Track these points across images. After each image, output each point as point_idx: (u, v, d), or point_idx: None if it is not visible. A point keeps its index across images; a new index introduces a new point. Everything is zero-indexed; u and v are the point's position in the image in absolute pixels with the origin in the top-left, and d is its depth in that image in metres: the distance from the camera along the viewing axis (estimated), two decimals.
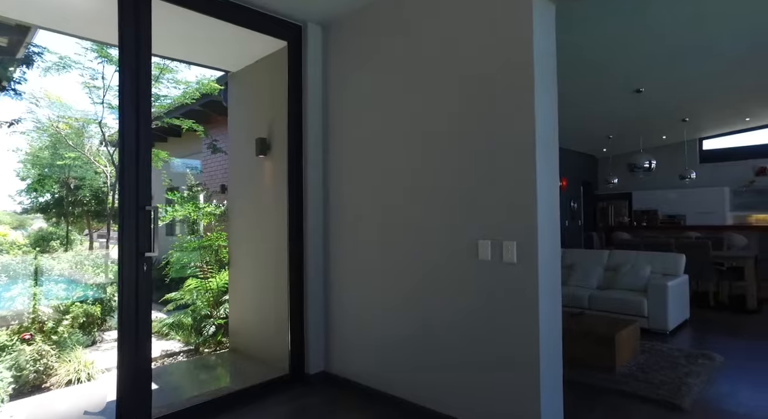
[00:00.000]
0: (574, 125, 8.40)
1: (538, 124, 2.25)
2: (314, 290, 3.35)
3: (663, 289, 4.44)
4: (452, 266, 2.57)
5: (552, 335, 2.31)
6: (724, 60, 5.53)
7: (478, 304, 2.44)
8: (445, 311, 2.59)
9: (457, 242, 2.55)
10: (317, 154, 3.41)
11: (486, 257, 2.41)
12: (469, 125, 2.51)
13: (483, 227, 2.43)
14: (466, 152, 2.51)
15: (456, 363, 2.53)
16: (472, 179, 2.49)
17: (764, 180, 9.47)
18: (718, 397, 3.00)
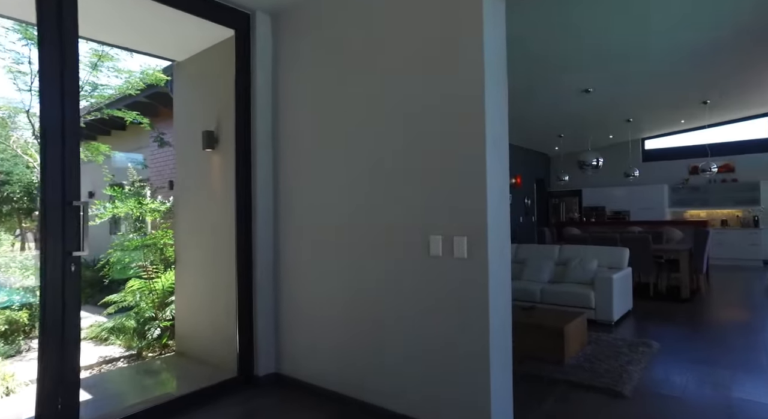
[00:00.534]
0: (528, 123, 8.65)
1: (489, 120, 2.25)
2: (264, 289, 3.23)
3: (608, 282, 4.63)
4: (404, 263, 2.54)
5: (503, 329, 2.33)
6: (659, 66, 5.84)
7: (430, 300, 2.42)
8: (398, 308, 2.56)
9: (409, 239, 2.52)
10: (266, 149, 3.29)
11: (437, 253, 2.39)
12: (420, 121, 2.48)
13: (434, 223, 2.41)
14: (417, 147, 2.48)
15: (408, 359, 2.51)
16: (423, 176, 2.46)
17: (697, 178, 10.14)
18: (654, 382, 3.16)
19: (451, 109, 2.34)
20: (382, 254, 2.64)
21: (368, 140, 2.73)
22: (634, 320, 4.95)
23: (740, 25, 4.86)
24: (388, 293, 2.61)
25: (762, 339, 4.18)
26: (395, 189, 2.59)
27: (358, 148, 2.78)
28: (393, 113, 2.60)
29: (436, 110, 2.41)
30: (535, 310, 4.06)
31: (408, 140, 2.53)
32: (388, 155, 2.62)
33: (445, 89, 2.37)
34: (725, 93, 7.57)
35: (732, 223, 9.86)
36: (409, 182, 2.52)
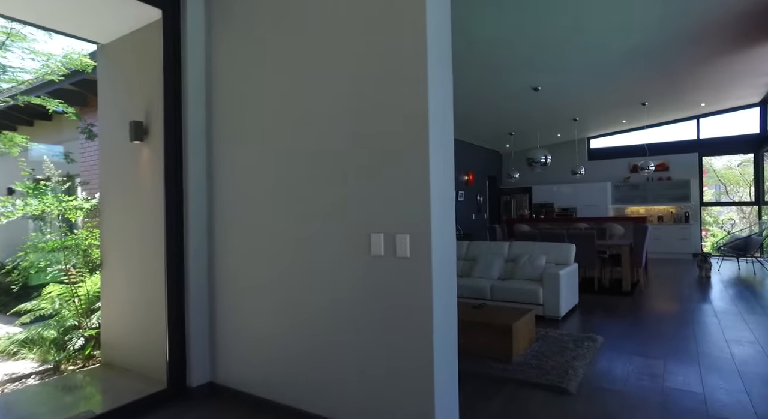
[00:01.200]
0: (480, 120, 8.74)
1: (432, 113, 2.14)
2: (197, 294, 2.98)
3: (556, 278, 4.70)
4: (344, 264, 2.39)
5: (447, 330, 2.23)
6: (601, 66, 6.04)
7: (372, 302, 2.29)
8: (338, 311, 2.41)
9: (349, 238, 2.37)
10: (200, 144, 3.03)
11: (379, 253, 2.26)
12: (361, 114, 2.33)
13: (376, 220, 2.28)
14: (358, 141, 2.33)
15: (348, 364, 2.36)
16: (364, 171, 2.31)
17: (637, 176, 10.68)
18: (598, 377, 3.19)
19: (393, 102, 2.21)
20: (322, 254, 2.48)
21: (306, 134, 2.55)
22: (580, 314, 5.07)
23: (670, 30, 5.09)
24: (327, 296, 2.45)
25: (691, 329, 4.38)
26: (336, 185, 2.43)
27: (297, 142, 2.60)
28: (333, 106, 2.44)
29: (377, 103, 2.27)
30: (485, 308, 4.03)
31: (348, 134, 2.37)
32: (328, 149, 2.45)
33: (387, 83, 2.23)
34: (660, 95, 7.98)
35: (666, 219, 10.46)
36: (350, 178, 2.37)
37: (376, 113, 2.27)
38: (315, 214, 2.51)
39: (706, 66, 6.54)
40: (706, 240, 10.69)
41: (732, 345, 3.89)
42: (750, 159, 10.18)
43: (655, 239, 9.82)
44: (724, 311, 5.15)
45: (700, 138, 10.25)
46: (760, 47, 6.07)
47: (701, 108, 9.50)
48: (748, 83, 7.85)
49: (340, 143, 2.41)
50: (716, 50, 5.96)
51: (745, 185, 11.47)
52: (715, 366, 3.38)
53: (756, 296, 6.02)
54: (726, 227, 11.17)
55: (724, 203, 11.44)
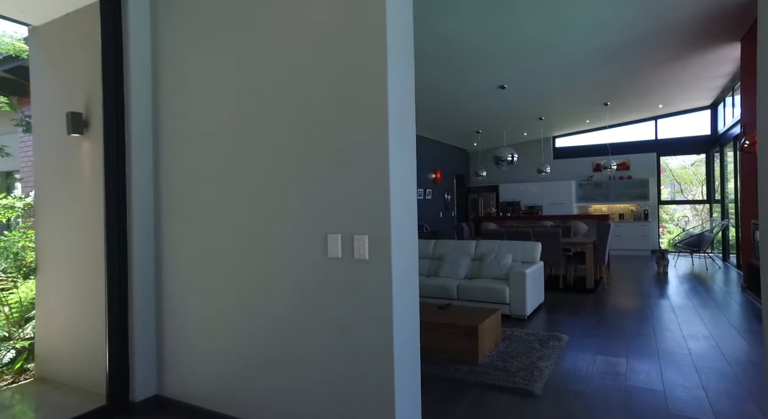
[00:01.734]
0: (446, 118, 8.70)
1: (392, 106, 2.00)
2: (143, 300, 2.73)
3: (522, 277, 4.68)
4: (300, 267, 2.22)
5: (409, 335, 2.10)
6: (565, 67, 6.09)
7: (330, 308, 2.14)
8: (294, 317, 2.24)
9: (305, 239, 2.21)
10: (144, 137, 2.78)
11: (336, 255, 2.11)
12: (316, 106, 2.17)
13: (333, 220, 2.13)
14: (313, 136, 2.17)
15: (304, 374, 2.21)
16: (321, 168, 2.16)
17: (600, 175, 10.95)
18: (563, 377, 3.16)
19: (352, 98, 2.06)
20: (277, 257, 2.30)
21: (260, 132, 2.36)
22: (546, 313, 5.08)
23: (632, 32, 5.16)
24: (282, 301, 2.28)
25: (651, 326, 4.45)
26: (291, 184, 2.26)
27: (250, 140, 2.41)
28: (288, 103, 2.26)
29: (335, 99, 2.11)
30: (451, 308, 3.95)
31: (303, 131, 2.21)
32: (282, 147, 2.28)
33: (345, 78, 2.08)
34: (622, 96, 8.17)
35: (627, 216, 10.77)
36: (306, 176, 2.20)
37: (333, 110, 2.12)
38: (269, 214, 2.33)
39: (664, 68, 6.72)
40: (663, 237, 11.08)
41: (689, 341, 3.96)
42: (702, 159, 10.62)
43: (616, 236, 10.08)
44: (680, 306, 5.28)
45: (658, 138, 10.60)
46: (711, 52, 6.28)
47: (659, 109, 9.82)
48: (700, 86, 8.14)
49: (295, 141, 2.24)
50: (673, 53, 6.12)
51: (697, 183, 11.97)
52: (674, 363, 3.42)
53: (708, 290, 6.23)
54: (681, 225, 11.63)
55: (679, 201, 11.91)
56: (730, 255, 8.58)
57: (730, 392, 2.93)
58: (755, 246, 5.56)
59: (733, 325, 4.48)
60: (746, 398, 2.84)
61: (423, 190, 10.01)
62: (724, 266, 8.33)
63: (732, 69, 7.16)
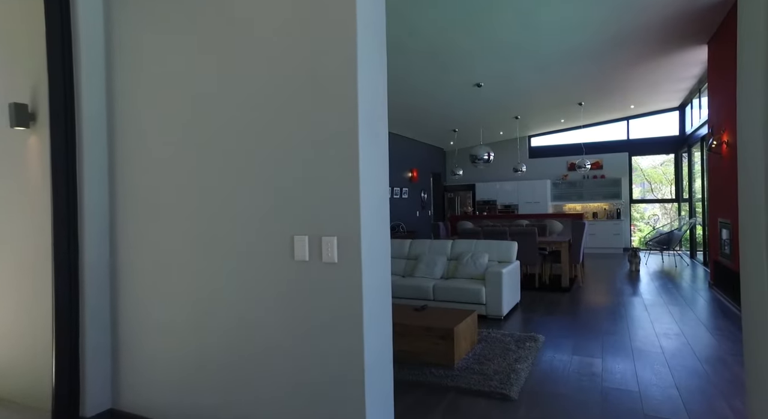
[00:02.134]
0: (423, 116, 8.64)
1: (362, 106, 1.88)
2: (95, 305, 2.53)
3: (498, 276, 4.63)
4: (267, 271, 2.08)
5: (379, 342, 1.99)
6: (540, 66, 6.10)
7: (297, 314, 2.00)
8: (260, 325, 2.10)
9: (271, 241, 2.07)
10: (98, 132, 2.57)
11: (303, 257, 1.98)
12: (281, 101, 2.03)
13: (300, 221, 2.00)
14: (281, 135, 2.03)
15: (269, 385, 2.07)
16: (287, 167, 2.02)
17: (574, 174, 11.11)
18: (540, 380, 3.11)
19: (320, 86, 1.93)
20: (240, 260, 2.15)
21: (223, 127, 2.20)
22: (522, 312, 5.06)
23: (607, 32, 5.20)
24: (247, 308, 2.14)
25: (625, 324, 4.48)
26: (256, 183, 2.11)
27: (212, 136, 2.24)
28: (253, 97, 2.11)
29: (302, 94, 1.98)
30: (427, 310, 3.86)
31: (269, 127, 2.07)
32: (247, 145, 2.13)
33: (312, 64, 1.95)
34: (595, 96, 8.27)
35: (601, 215, 10.96)
36: (271, 174, 2.06)
37: (301, 106, 1.98)
38: (233, 215, 2.18)
39: (635, 69, 6.81)
40: (634, 235, 11.32)
41: (662, 339, 3.99)
42: (671, 159, 10.88)
43: (590, 235, 10.24)
44: (652, 303, 5.35)
45: (629, 138, 10.81)
46: (680, 54, 6.40)
47: (631, 110, 10.01)
48: (669, 88, 8.32)
49: (260, 138, 2.09)
50: (644, 54, 6.21)
51: (666, 183, 12.28)
52: (648, 362, 3.42)
53: (677, 288, 6.36)
54: (651, 223, 11.91)
55: (650, 200, 12.19)
56: (697, 252, 8.82)
57: (701, 390, 2.94)
58: (721, 244, 5.68)
59: (702, 322, 4.55)
60: (717, 396, 2.86)
61: (399, 189, 9.93)
62: (691, 263, 8.55)
63: (699, 71, 7.32)
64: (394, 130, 9.46)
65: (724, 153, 5.51)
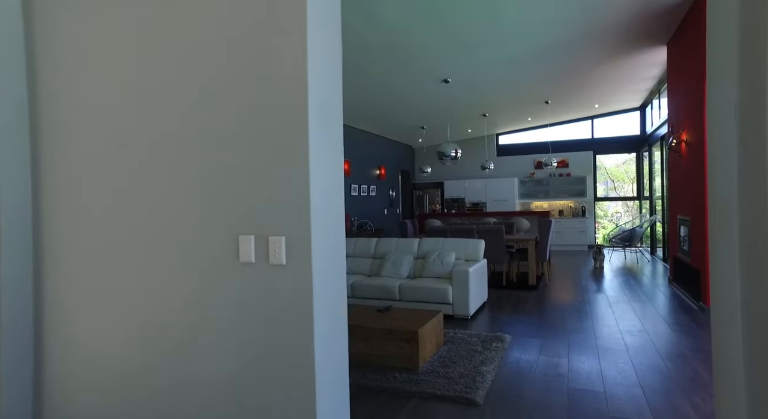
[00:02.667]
0: (390, 112, 8.51)
1: (313, 93, 1.71)
2: (13, 316, 2.24)
3: (465, 275, 4.54)
4: (209, 275, 1.87)
5: (334, 351, 1.83)
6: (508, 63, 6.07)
7: (240, 323, 1.81)
8: (201, 336, 1.89)
9: (214, 242, 1.86)
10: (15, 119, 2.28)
11: (249, 259, 1.79)
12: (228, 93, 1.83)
13: (245, 219, 1.80)
14: (225, 125, 1.83)
15: (214, 407, 1.86)
16: (231, 160, 1.82)
17: (541, 172, 11.25)
18: (506, 382, 3.03)
19: (265, 72, 1.74)
20: (181, 263, 1.93)
21: (160, 118, 1.98)
22: (489, 311, 4.99)
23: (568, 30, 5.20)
24: (188, 317, 1.92)
25: (590, 321, 4.49)
26: (198, 177, 1.90)
27: (149, 128, 2.01)
28: (192, 85, 1.90)
29: (244, 74, 1.78)
30: (391, 311, 3.72)
31: (211, 114, 1.86)
32: (186, 137, 1.91)
33: (256, 46, 1.76)
34: (562, 94, 8.36)
35: (566, 213, 11.15)
36: (214, 169, 1.85)
37: (245, 94, 1.79)
38: (173, 213, 1.96)
39: (599, 68, 6.89)
40: (598, 233, 11.58)
41: (625, 336, 4.00)
42: (633, 158, 11.18)
43: (556, 232, 10.38)
44: (616, 300, 5.41)
45: (594, 137, 11.03)
46: (641, 54, 6.52)
47: (595, 109, 10.20)
48: (630, 88, 8.50)
49: (199, 129, 1.88)
50: (607, 53, 6.28)
51: (628, 181, 12.63)
52: (613, 360, 3.40)
53: (639, 284, 6.49)
54: (614, 220, 12.23)
55: (612, 198, 12.52)
56: (657, 249, 9.07)
57: (664, 387, 2.94)
58: (680, 241, 5.81)
59: (663, 317, 4.61)
60: (679, 393, 2.86)
61: (367, 186, 9.77)
62: (652, 260, 8.79)
63: (659, 72, 7.50)
64: (361, 126, 9.30)
65: (683, 151, 5.63)
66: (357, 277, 5.15)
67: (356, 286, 4.92)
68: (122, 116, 2.05)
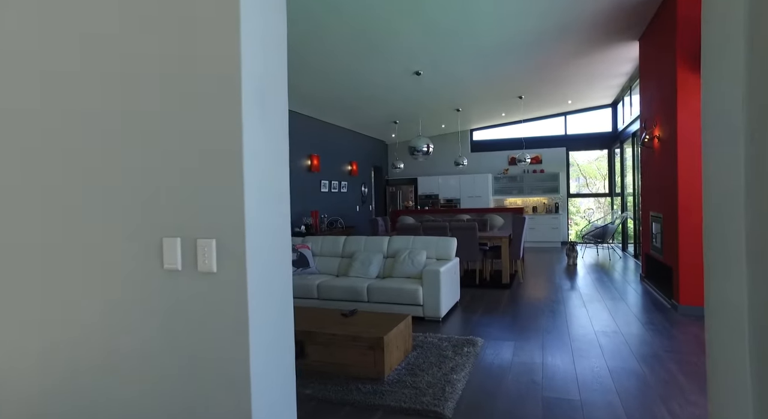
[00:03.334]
0: (362, 107, 8.23)
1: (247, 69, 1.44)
2: None
3: (436, 275, 4.34)
4: (130, 284, 1.58)
5: (275, 375, 1.57)
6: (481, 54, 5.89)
7: (166, 344, 1.53)
8: (121, 356, 1.60)
9: (136, 244, 1.57)
10: None
11: (174, 266, 1.50)
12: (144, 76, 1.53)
13: (170, 219, 1.52)
14: (144, 107, 1.54)
15: None
16: (153, 150, 1.53)
17: (515, 168, 11.20)
18: (477, 392, 2.83)
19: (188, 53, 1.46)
20: (96, 273, 1.63)
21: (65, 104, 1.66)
22: (461, 312, 4.81)
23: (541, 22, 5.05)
24: (104, 335, 1.62)
25: (565, 322, 4.35)
26: (113, 172, 1.59)
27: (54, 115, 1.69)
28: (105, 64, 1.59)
29: (165, 47, 1.49)
30: (356, 315, 3.47)
31: (121, 91, 1.56)
32: (99, 125, 1.61)
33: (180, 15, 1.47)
34: (535, 89, 8.26)
35: (540, 209, 11.13)
36: (134, 158, 1.56)
37: (165, 63, 1.50)
38: (86, 213, 1.64)
39: (572, 62, 6.80)
40: (571, 229, 11.63)
41: (600, 337, 3.88)
42: (605, 155, 11.25)
43: (530, 229, 10.34)
44: (590, 299, 5.32)
45: (567, 134, 11.04)
46: (613, 49, 6.45)
47: (568, 105, 10.18)
48: (603, 84, 8.49)
49: (116, 112, 1.58)
50: (580, 48, 6.17)
51: (600, 178, 12.75)
52: (588, 364, 3.25)
53: (612, 281, 6.45)
54: (587, 217, 12.32)
55: (585, 194, 12.61)
56: (628, 245, 9.13)
57: (640, 393, 2.81)
58: (652, 237, 5.78)
59: (636, 316, 4.53)
60: (655, 399, 2.74)
61: (338, 182, 9.47)
62: (623, 256, 8.83)
63: (630, 68, 7.48)
64: (331, 120, 8.98)
65: (655, 147, 5.58)
66: (324, 277, 4.88)
67: (322, 287, 4.65)
68: (19, 108, 1.72)
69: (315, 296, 4.69)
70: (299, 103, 7.35)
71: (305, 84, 6.30)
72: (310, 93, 6.89)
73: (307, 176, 8.27)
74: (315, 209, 8.23)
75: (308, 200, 8.23)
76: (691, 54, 4.57)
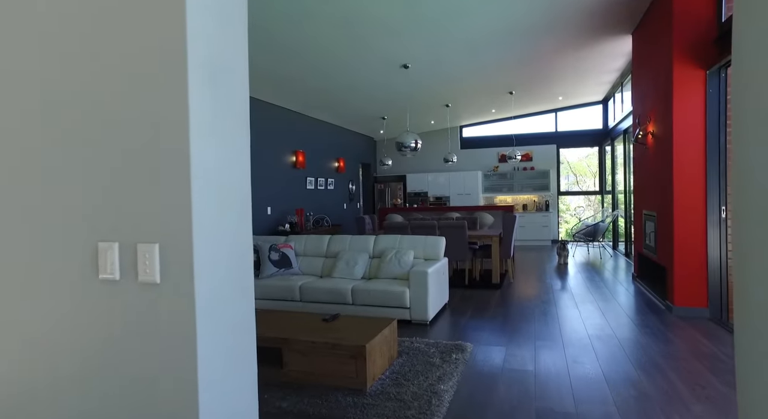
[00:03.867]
0: (349, 102, 8.00)
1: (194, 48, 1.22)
2: None
3: (423, 277, 4.14)
4: (59, 297, 1.34)
5: (231, 389, 1.35)
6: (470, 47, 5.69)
7: (102, 369, 1.30)
8: (47, 381, 1.37)
9: (65, 250, 1.33)
10: None
11: (112, 275, 1.27)
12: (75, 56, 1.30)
13: (107, 221, 1.29)
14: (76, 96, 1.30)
15: None
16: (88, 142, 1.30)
17: (505, 166, 11.05)
18: (465, 404, 2.64)
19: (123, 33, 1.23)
20: (19, 284, 1.39)
21: None
22: (450, 315, 4.62)
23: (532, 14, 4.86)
24: (28, 356, 1.39)
25: (557, 325, 4.19)
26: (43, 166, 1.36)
27: None
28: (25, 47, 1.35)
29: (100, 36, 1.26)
30: (338, 320, 3.25)
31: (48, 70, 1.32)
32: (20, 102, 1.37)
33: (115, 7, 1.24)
34: (525, 85, 8.10)
35: (530, 207, 11.01)
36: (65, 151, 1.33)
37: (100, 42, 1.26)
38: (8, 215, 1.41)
39: (565, 56, 6.64)
40: (561, 227, 11.53)
41: (594, 341, 3.72)
42: (595, 152, 11.15)
43: (520, 227, 10.20)
44: (582, 300, 5.17)
45: (558, 131, 10.92)
46: (605, 43, 6.30)
47: (559, 102, 10.04)
48: (594, 80, 8.35)
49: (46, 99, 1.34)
50: (571, 42, 6.01)
51: (591, 175, 12.67)
52: (583, 373, 3.08)
53: (604, 281, 6.32)
54: (577, 215, 12.22)
55: (575, 192, 12.51)
56: (619, 244, 9.03)
57: (639, 404, 2.65)
58: (645, 236, 5.65)
59: (631, 318, 4.38)
60: (656, 411, 2.56)
61: (325, 179, 9.22)
62: (614, 255, 8.73)
63: (622, 64, 7.34)
64: (317, 116, 8.72)
65: (649, 144, 5.43)
66: (307, 278, 4.66)
67: (305, 289, 4.42)
68: None
69: (297, 299, 4.46)
70: (284, 97, 7.09)
71: (288, 75, 6.05)
72: (294, 88, 6.64)
73: (292, 172, 8.01)
74: (300, 207, 7.98)
75: (293, 198, 7.98)
76: (688, 47, 4.41)
